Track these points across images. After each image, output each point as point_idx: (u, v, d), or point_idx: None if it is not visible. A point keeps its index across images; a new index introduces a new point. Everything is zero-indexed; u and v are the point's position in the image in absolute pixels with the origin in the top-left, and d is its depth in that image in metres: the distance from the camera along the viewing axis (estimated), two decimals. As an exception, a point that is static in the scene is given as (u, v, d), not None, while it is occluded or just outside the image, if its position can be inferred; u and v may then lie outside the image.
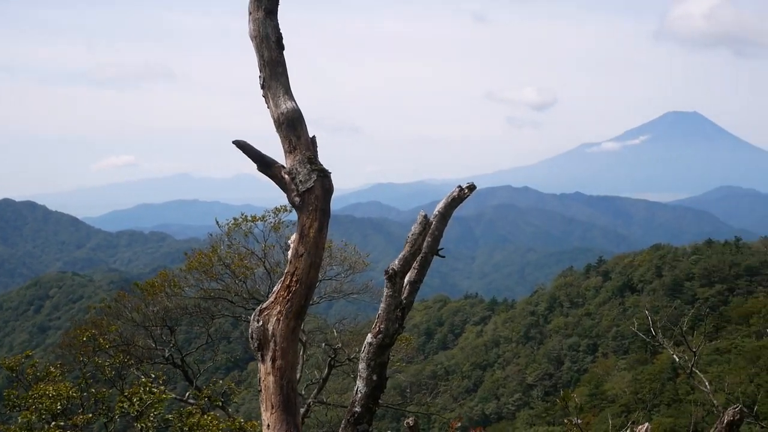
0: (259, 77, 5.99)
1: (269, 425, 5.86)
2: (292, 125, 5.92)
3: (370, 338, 6.59)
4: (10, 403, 17.00)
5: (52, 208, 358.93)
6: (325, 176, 5.89)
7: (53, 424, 16.23)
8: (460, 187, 6.78)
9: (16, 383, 17.84)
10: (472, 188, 6.77)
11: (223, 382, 26.34)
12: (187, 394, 24.25)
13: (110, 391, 18.93)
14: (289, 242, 6.13)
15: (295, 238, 5.97)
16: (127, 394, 17.76)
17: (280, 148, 6.00)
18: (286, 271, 5.99)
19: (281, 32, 5.97)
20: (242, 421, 19.82)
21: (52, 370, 18.38)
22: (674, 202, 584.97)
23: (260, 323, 5.90)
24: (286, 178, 5.91)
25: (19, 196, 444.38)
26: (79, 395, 17.41)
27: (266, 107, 6.01)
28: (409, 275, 6.75)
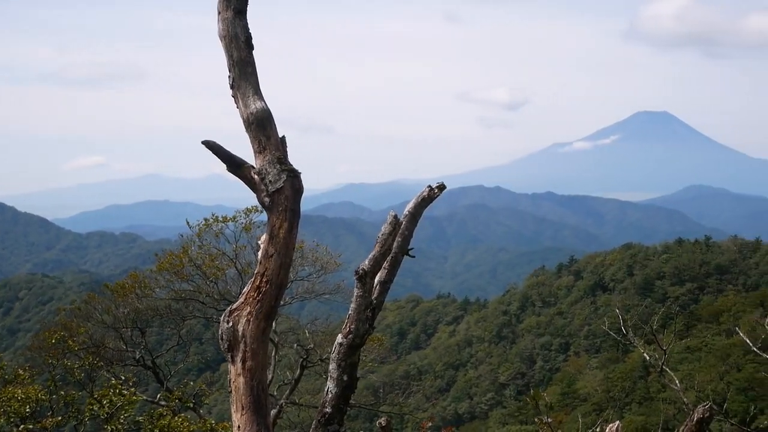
0: (228, 77, 5.95)
1: (240, 426, 5.84)
2: (261, 125, 5.89)
3: (340, 339, 6.59)
4: (-22, 406, 16.81)
5: (21, 209, 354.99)
6: (294, 176, 5.87)
7: (22, 427, 16.10)
8: (430, 186, 6.80)
9: (-16, 386, 17.66)
10: (442, 188, 6.79)
11: (194, 383, 26.28)
12: (158, 395, 24.11)
13: (80, 393, 18.83)
14: (259, 243, 6.10)
15: (264, 238, 5.95)
16: (97, 396, 17.67)
17: (250, 148, 5.97)
18: (255, 271, 5.96)
19: (250, 32, 5.93)
20: (213, 422, 19.77)
21: (21, 372, 18.26)
22: (645, 201, 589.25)
23: (230, 324, 5.87)
24: (255, 178, 5.88)
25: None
26: (48, 398, 17.30)
27: (236, 107, 5.98)
28: (379, 275, 6.75)
